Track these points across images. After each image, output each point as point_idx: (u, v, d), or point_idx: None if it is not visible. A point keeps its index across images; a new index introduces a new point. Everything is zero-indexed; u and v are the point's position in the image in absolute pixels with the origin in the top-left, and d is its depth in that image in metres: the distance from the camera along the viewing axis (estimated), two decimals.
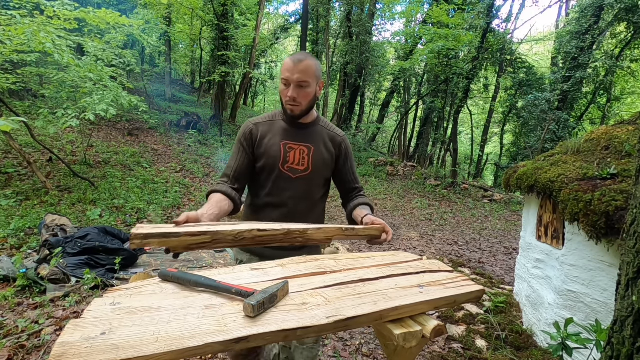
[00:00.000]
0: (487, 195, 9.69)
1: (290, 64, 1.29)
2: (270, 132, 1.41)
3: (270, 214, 1.40)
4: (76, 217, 4.60)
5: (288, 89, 1.31)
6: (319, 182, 1.44)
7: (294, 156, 1.38)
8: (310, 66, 1.30)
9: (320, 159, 1.42)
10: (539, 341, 2.42)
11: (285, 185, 1.38)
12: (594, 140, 2.45)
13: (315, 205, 1.47)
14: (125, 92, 5.70)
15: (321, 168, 1.42)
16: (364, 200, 1.52)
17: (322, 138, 1.45)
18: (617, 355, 0.90)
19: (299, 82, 1.29)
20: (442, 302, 0.88)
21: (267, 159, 1.37)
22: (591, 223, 1.85)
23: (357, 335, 2.59)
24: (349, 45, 14.13)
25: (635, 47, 11.70)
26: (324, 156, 1.43)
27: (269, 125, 1.43)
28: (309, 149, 1.40)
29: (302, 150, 1.39)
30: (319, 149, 1.42)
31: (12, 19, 4.66)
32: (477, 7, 11.55)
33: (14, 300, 2.60)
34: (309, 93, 1.33)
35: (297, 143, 1.40)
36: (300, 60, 1.29)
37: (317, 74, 1.33)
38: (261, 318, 0.69)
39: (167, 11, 10.72)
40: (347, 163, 1.53)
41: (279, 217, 1.38)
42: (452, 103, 13.43)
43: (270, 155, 1.37)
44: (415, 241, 5.72)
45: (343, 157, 1.51)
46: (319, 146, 1.42)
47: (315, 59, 1.34)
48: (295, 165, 1.38)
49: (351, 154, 1.56)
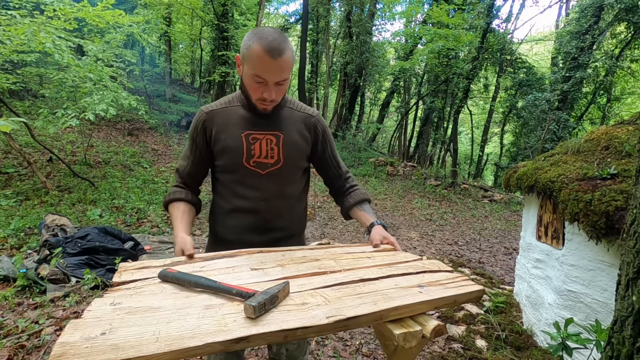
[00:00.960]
0: (487, 195, 9.70)
1: (268, 58, 1.00)
2: (228, 123, 1.16)
3: (240, 220, 1.18)
4: (76, 217, 4.60)
5: (264, 88, 1.06)
6: (295, 176, 1.22)
7: (259, 148, 1.14)
8: (289, 58, 1.04)
9: (292, 147, 1.18)
10: (539, 341, 2.42)
11: (254, 184, 1.15)
12: (594, 140, 2.45)
13: (294, 204, 1.24)
14: (126, 92, 5.71)
15: (295, 158, 1.19)
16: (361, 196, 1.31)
17: (293, 121, 1.20)
18: (617, 355, 0.90)
19: (279, 81, 1.06)
20: (442, 302, 0.88)
21: (227, 155, 1.14)
22: (591, 223, 1.85)
23: (357, 335, 2.59)
24: (349, 45, 14.13)
25: (635, 47, 11.70)
26: (297, 143, 1.19)
27: (225, 113, 1.17)
28: (278, 137, 1.16)
29: (270, 139, 1.15)
30: (290, 135, 1.18)
31: (12, 19, 4.67)
32: (477, 7, 11.56)
33: (14, 300, 2.60)
34: (287, 87, 1.12)
35: (262, 132, 1.15)
36: (280, 52, 1.01)
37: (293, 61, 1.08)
38: (261, 318, 0.69)
39: (167, 11, 10.73)
40: (327, 147, 1.29)
41: (252, 224, 1.18)
42: (452, 103, 13.43)
43: (230, 151, 1.14)
44: (415, 241, 5.72)
45: (321, 140, 1.26)
46: (289, 132, 1.18)
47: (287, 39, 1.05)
48: (263, 158, 1.14)
49: (330, 135, 1.31)
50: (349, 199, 1.32)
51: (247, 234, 1.19)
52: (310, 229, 5.75)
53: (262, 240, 1.19)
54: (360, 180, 10.18)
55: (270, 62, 1.01)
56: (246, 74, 1.07)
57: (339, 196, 1.37)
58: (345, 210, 1.35)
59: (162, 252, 3.93)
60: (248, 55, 1.03)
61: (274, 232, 1.21)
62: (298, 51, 14.13)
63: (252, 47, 1.02)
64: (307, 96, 17.08)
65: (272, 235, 1.21)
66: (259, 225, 1.19)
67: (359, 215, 1.31)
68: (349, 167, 11.32)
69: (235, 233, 1.20)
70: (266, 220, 1.19)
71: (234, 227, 1.19)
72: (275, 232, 1.21)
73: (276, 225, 1.21)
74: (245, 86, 1.12)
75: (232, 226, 1.20)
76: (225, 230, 1.21)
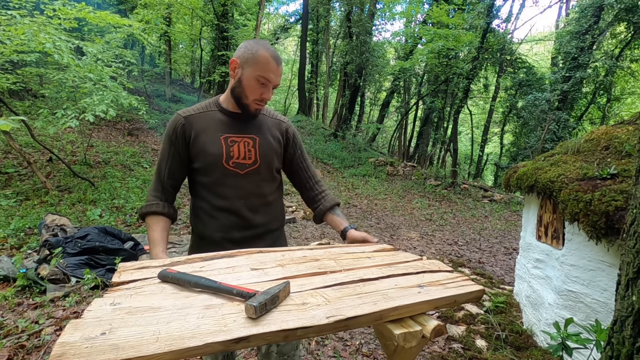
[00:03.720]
0: (487, 195, 9.69)
1: (274, 64, 1.17)
2: (207, 126, 1.23)
3: (223, 219, 1.24)
4: (76, 217, 4.60)
5: (264, 89, 1.20)
6: (269, 175, 1.31)
7: (238, 150, 1.23)
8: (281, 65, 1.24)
9: (267, 149, 1.28)
10: (539, 341, 2.42)
11: (233, 184, 1.23)
12: (594, 140, 2.45)
13: (270, 201, 1.33)
14: (126, 92, 5.71)
15: (270, 159, 1.29)
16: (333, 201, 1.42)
17: (267, 126, 1.32)
18: (617, 355, 0.90)
19: (277, 84, 1.22)
20: (442, 302, 0.88)
21: (207, 157, 1.21)
22: (591, 223, 1.85)
23: (357, 335, 2.59)
24: (349, 45, 14.14)
25: (635, 47, 11.70)
26: (271, 145, 1.30)
27: (203, 118, 1.25)
28: (254, 140, 1.26)
29: (247, 142, 1.25)
30: (265, 138, 1.28)
31: (12, 19, 4.67)
32: (477, 7, 11.56)
33: (14, 300, 2.60)
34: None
35: (240, 135, 1.25)
36: (280, 61, 1.20)
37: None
38: (261, 318, 0.69)
39: (167, 11, 10.73)
40: (297, 150, 1.40)
41: (234, 221, 1.24)
42: (452, 103, 13.44)
43: (210, 153, 1.21)
44: (415, 241, 5.72)
45: (292, 144, 1.38)
46: (264, 135, 1.29)
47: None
48: (242, 159, 1.23)
49: (300, 141, 1.43)
50: (323, 203, 1.42)
51: (231, 231, 1.25)
52: (310, 229, 5.75)
53: (245, 236, 1.26)
54: (360, 180, 10.18)
55: (275, 67, 1.18)
56: (247, 76, 1.18)
57: (311, 200, 1.45)
58: (319, 215, 1.43)
59: None
60: (253, 59, 1.16)
61: (255, 229, 1.28)
62: (298, 51, 14.13)
63: (259, 52, 1.16)
64: (307, 96, 17.07)
65: (253, 231, 1.28)
66: (241, 223, 1.25)
67: (332, 219, 1.40)
68: (349, 167, 11.32)
69: (220, 232, 1.25)
70: (246, 217, 1.25)
71: (218, 226, 1.25)
72: (256, 229, 1.29)
73: (256, 221, 1.28)
74: (242, 88, 1.20)
75: (216, 225, 1.25)
76: (210, 230, 1.26)
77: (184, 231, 4.91)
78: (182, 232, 4.86)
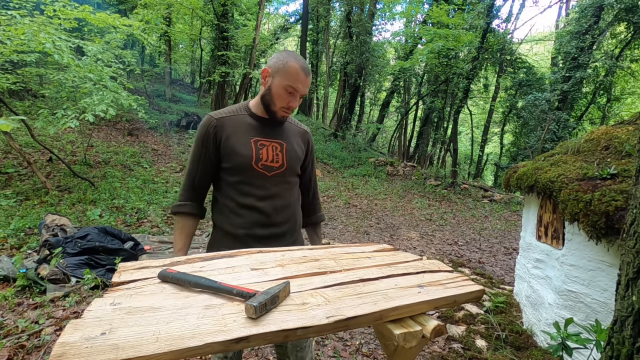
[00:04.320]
0: (487, 195, 9.69)
1: (303, 75, 1.24)
2: (237, 129, 1.30)
3: (247, 217, 1.30)
4: (76, 217, 4.60)
5: (292, 98, 1.26)
6: (293, 179, 1.40)
7: (266, 153, 1.30)
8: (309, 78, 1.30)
9: (293, 155, 1.37)
10: (539, 341, 2.42)
11: (260, 184, 1.29)
12: (594, 140, 2.45)
13: (292, 204, 1.39)
14: (126, 93, 5.70)
15: (295, 164, 1.38)
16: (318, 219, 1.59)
17: (293, 134, 1.42)
18: (617, 355, 0.90)
19: (304, 94, 1.27)
20: (442, 302, 0.88)
21: (237, 157, 1.27)
22: (591, 223, 1.85)
23: (357, 335, 2.59)
24: (349, 45, 14.14)
25: (635, 47, 11.70)
26: (297, 152, 1.39)
27: (234, 121, 1.32)
28: (282, 145, 1.34)
29: (275, 146, 1.33)
30: (291, 145, 1.38)
31: (12, 19, 4.67)
32: (477, 7, 11.56)
33: (14, 300, 2.60)
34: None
35: (269, 139, 1.32)
36: (309, 72, 1.27)
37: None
38: (261, 318, 0.69)
39: (167, 11, 10.72)
40: (310, 163, 1.50)
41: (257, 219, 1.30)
42: (452, 103, 13.44)
43: (240, 154, 1.27)
44: (415, 241, 5.72)
45: (310, 154, 1.49)
46: (291, 142, 1.38)
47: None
48: (270, 162, 1.30)
49: (314, 154, 1.54)
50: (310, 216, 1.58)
51: (253, 228, 1.31)
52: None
53: (265, 234, 1.32)
54: (360, 180, 10.19)
55: (304, 77, 1.25)
56: (277, 85, 1.26)
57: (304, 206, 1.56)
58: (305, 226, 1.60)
59: (162, 252, 3.93)
60: (284, 69, 1.24)
61: (275, 227, 1.34)
62: (298, 51, 14.13)
63: (289, 63, 1.24)
64: (307, 96, 17.08)
65: (273, 230, 1.34)
66: (263, 221, 1.31)
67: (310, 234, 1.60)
68: (349, 167, 11.32)
69: (243, 228, 1.31)
70: (270, 216, 1.32)
71: (242, 222, 1.30)
72: (276, 228, 1.34)
73: (278, 220, 1.34)
74: (271, 95, 1.28)
75: (240, 222, 1.30)
76: (234, 227, 1.31)
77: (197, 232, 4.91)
78: None
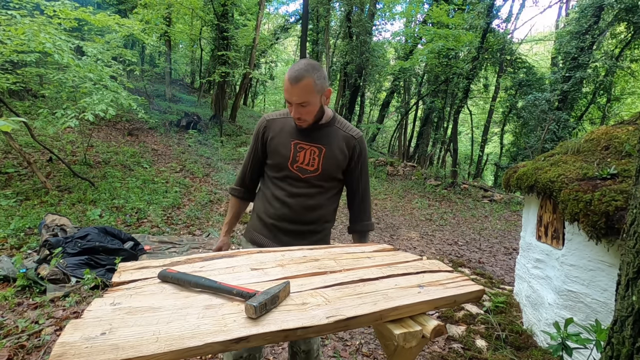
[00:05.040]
0: (487, 195, 9.69)
1: (288, 84, 1.25)
2: (283, 130, 1.41)
3: (276, 207, 1.42)
4: (76, 217, 4.60)
5: (291, 107, 1.31)
6: (328, 183, 1.42)
7: (304, 156, 1.37)
8: (308, 85, 1.24)
9: (331, 160, 1.39)
10: (539, 341, 2.42)
11: (293, 183, 1.39)
12: (594, 140, 2.45)
13: (321, 205, 1.43)
14: (126, 93, 5.70)
15: (332, 169, 1.40)
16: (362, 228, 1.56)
17: (337, 139, 1.41)
18: (617, 355, 0.90)
19: (299, 103, 1.27)
20: (442, 302, 0.88)
21: (277, 156, 1.39)
22: (591, 223, 1.85)
23: (357, 335, 2.59)
24: (349, 45, 14.13)
25: (635, 47, 11.70)
26: (336, 157, 1.40)
27: (282, 123, 1.43)
28: (320, 150, 1.38)
29: (313, 150, 1.38)
30: (331, 150, 1.39)
31: (12, 19, 4.67)
32: (477, 7, 11.56)
33: (14, 300, 2.60)
34: (312, 110, 1.30)
35: (309, 143, 1.38)
36: (297, 79, 1.23)
37: (318, 88, 1.27)
38: (261, 318, 0.69)
39: (167, 11, 10.72)
40: (358, 168, 1.47)
41: (284, 213, 1.40)
42: (452, 103, 13.43)
43: (280, 154, 1.38)
44: (415, 241, 5.72)
45: (355, 159, 1.45)
46: (331, 147, 1.39)
47: (314, 70, 1.25)
48: (305, 165, 1.37)
49: (365, 160, 1.49)
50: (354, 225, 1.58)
51: (281, 221, 1.42)
52: None
53: (291, 229, 1.42)
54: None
55: (290, 87, 1.25)
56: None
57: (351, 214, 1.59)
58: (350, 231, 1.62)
59: (162, 252, 3.93)
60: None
61: (301, 225, 1.42)
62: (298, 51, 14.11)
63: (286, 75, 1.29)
64: None
65: (298, 227, 1.42)
66: (290, 217, 1.40)
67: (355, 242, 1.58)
68: None
69: (272, 218, 1.43)
70: (297, 213, 1.40)
71: (272, 213, 1.42)
72: (302, 225, 1.42)
73: (305, 219, 1.41)
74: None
75: (271, 212, 1.43)
76: (266, 215, 1.45)
77: (184, 231, 4.91)
78: (182, 232, 4.86)
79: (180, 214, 5.46)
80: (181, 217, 5.35)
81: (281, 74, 24.11)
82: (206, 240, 4.53)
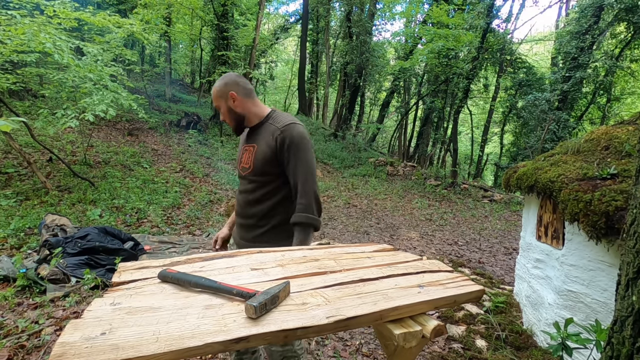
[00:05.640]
0: (487, 195, 9.69)
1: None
2: (243, 137, 1.60)
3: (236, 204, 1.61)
4: (76, 217, 4.60)
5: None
6: (263, 179, 1.44)
7: (245, 157, 1.51)
8: (215, 91, 1.46)
9: (260, 157, 1.43)
10: (539, 341, 2.42)
11: (240, 182, 1.57)
12: (594, 140, 2.45)
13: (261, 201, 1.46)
14: (126, 92, 5.70)
15: (261, 166, 1.43)
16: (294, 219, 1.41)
17: (266, 134, 1.45)
18: (617, 355, 0.90)
19: (216, 107, 1.50)
20: (442, 302, 0.88)
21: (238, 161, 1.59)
22: (591, 223, 1.85)
23: (357, 335, 2.59)
24: (349, 45, 14.14)
25: (635, 47, 11.70)
26: (264, 153, 1.42)
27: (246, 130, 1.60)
28: (254, 148, 1.47)
29: (250, 150, 1.49)
30: (260, 146, 1.44)
31: (12, 19, 4.67)
32: (477, 7, 11.56)
33: (14, 300, 2.60)
34: (224, 112, 1.48)
35: (248, 144, 1.51)
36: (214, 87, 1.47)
37: (221, 94, 1.45)
38: (261, 318, 0.69)
39: (167, 11, 10.72)
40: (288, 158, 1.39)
41: (236, 210, 1.60)
42: (452, 103, 13.43)
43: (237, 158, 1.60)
44: (415, 241, 5.72)
45: (285, 150, 1.38)
46: (261, 144, 1.45)
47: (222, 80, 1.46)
48: (244, 164, 1.51)
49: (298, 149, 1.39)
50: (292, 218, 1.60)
51: (237, 216, 1.61)
52: None
53: (240, 223, 1.57)
54: (360, 180, 10.18)
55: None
56: None
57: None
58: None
59: (162, 252, 3.93)
60: None
61: (245, 219, 1.54)
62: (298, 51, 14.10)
63: None
64: (307, 96, 17.07)
65: (244, 221, 1.54)
66: (239, 212, 1.58)
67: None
68: (349, 167, 11.31)
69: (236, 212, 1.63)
70: (241, 208, 1.55)
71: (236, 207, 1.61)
72: (245, 219, 1.54)
73: (245, 213, 1.53)
74: None
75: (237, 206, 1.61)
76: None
77: (184, 231, 4.91)
78: (182, 232, 4.86)
79: (180, 214, 5.46)
80: (181, 217, 5.35)
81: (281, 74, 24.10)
82: (206, 240, 4.53)
